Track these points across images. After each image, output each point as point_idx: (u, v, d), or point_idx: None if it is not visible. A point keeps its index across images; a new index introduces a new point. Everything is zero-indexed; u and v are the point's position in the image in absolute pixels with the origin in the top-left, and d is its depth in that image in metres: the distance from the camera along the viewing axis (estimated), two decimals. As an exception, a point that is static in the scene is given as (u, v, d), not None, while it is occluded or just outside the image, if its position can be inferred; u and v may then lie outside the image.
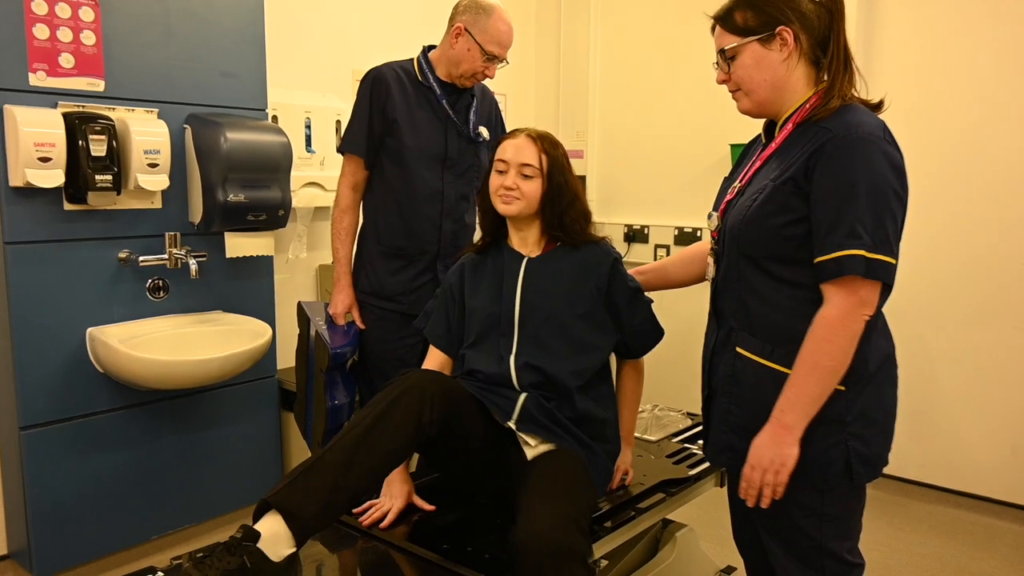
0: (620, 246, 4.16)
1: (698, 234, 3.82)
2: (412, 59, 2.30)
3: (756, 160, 1.53)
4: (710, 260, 1.60)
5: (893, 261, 1.34)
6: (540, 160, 1.71)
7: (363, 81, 2.25)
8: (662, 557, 2.01)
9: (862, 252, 1.29)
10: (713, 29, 1.55)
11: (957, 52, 3.09)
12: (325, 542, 1.65)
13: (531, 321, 1.72)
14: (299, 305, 2.35)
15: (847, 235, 1.30)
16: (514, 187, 1.70)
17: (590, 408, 1.73)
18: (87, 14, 2.26)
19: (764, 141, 1.54)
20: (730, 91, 1.55)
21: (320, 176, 2.95)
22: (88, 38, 2.27)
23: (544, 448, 1.66)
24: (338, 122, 2.99)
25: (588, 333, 1.73)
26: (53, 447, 2.29)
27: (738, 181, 1.55)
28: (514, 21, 2.26)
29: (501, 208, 1.73)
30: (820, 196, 1.34)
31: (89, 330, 2.32)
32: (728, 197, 1.56)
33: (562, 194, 1.73)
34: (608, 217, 4.23)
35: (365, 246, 2.32)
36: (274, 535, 1.40)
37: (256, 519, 1.42)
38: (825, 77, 1.43)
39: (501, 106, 4.26)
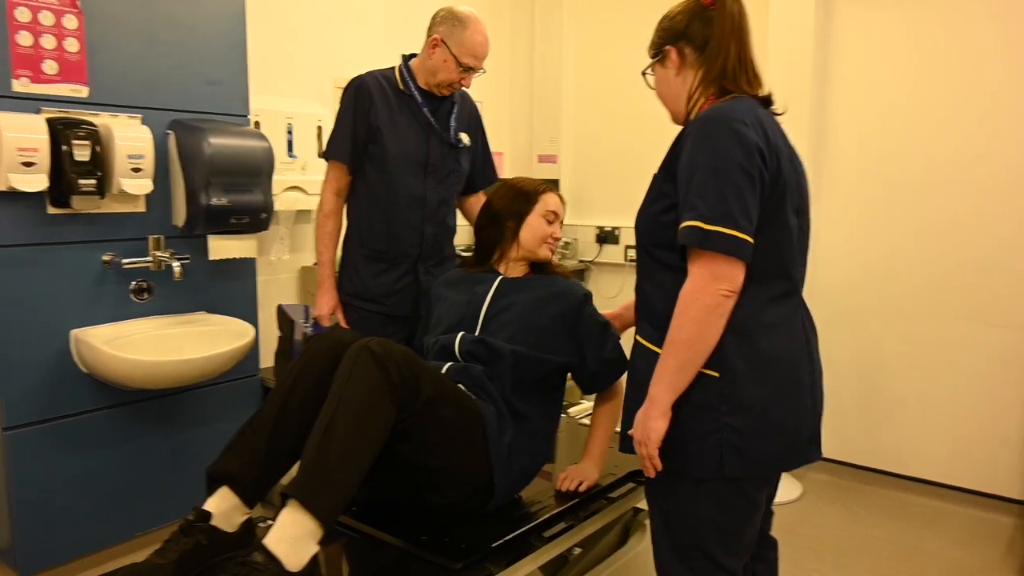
0: (592, 248, 4.27)
1: (666, 235, 3.93)
2: (394, 68, 2.37)
3: None
4: None
5: (737, 234, 1.32)
6: None
7: (346, 89, 2.32)
8: (632, 544, 2.09)
9: (698, 223, 1.32)
10: None
11: (910, 62, 3.24)
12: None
13: (493, 322, 1.84)
14: (279, 309, 2.40)
15: (687, 208, 1.35)
16: (560, 238, 1.99)
17: (520, 400, 1.79)
18: (70, 21, 2.29)
19: None
20: None
21: (301, 180, 3.00)
22: (72, 45, 2.30)
23: None
24: (319, 128, 3.05)
25: (542, 340, 1.83)
26: (37, 446, 2.31)
27: None
28: (490, 31, 2.33)
29: (545, 254, 1.96)
30: (679, 177, 1.40)
31: (73, 331, 2.35)
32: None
33: None
34: (580, 219, 4.34)
35: (349, 250, 2.39)
36: (224, 508, 1.46)
37: (207, 493, 1.48)
38: (711, 84, 1.50)
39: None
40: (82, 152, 2.26)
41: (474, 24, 2.26)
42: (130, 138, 2.35)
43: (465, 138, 2.40)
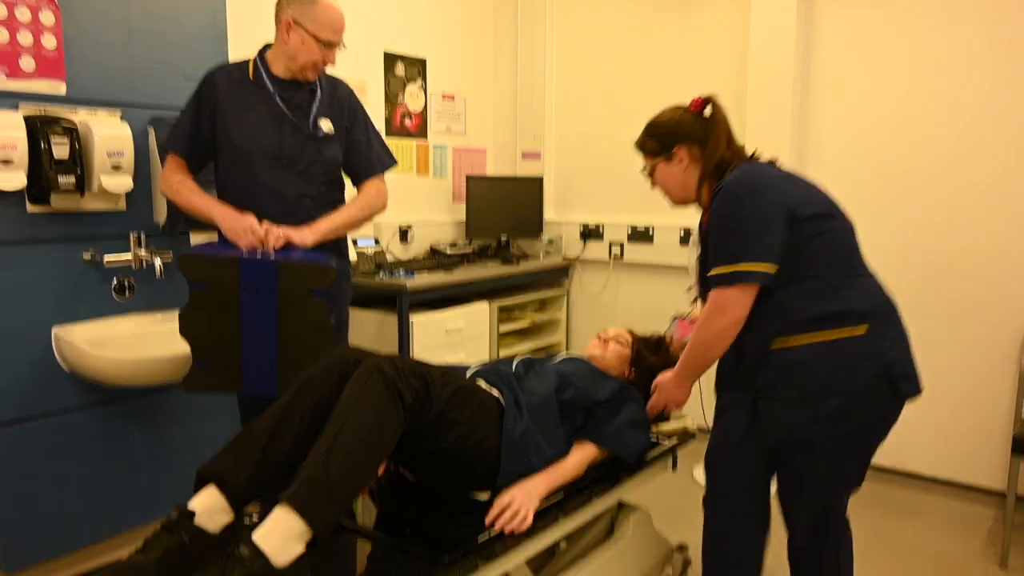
0: (576, 244, 4.28)
1: (650, 232, 3.96)
2: (249, 59, 2.24)
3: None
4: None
5: (743, 268, 1.66)
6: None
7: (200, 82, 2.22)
8: (618, 537, 2.11)
9: (724, 270, 1.69)
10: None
11: (892, 61, 3.27)
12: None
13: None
14: (195, 255, 1.99)
15: (715, 257, 1.73)
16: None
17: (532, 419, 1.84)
18: (47, 17, 2.26)
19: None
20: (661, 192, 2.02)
21: (283, 177, 2.99)
22: (49, 41, 2.28)
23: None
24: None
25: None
26: (20, 445, 2.29)
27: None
28: (472, 28, 2.32)
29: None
30: None
31: (54, 330, 2.33)
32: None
33: None
34: (564, 216, 4.35)
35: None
36: (209, 508, 1.46)
37: (195, 492, 1.47)
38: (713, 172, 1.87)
39: (462, 111, 4.31)
40: (61, 149, 2.24)
41: None
42: (109, 135, 2.33)
43: (325, 126, 2.23)
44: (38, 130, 2.20)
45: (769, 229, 1.66)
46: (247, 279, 1.89)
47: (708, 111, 1.90)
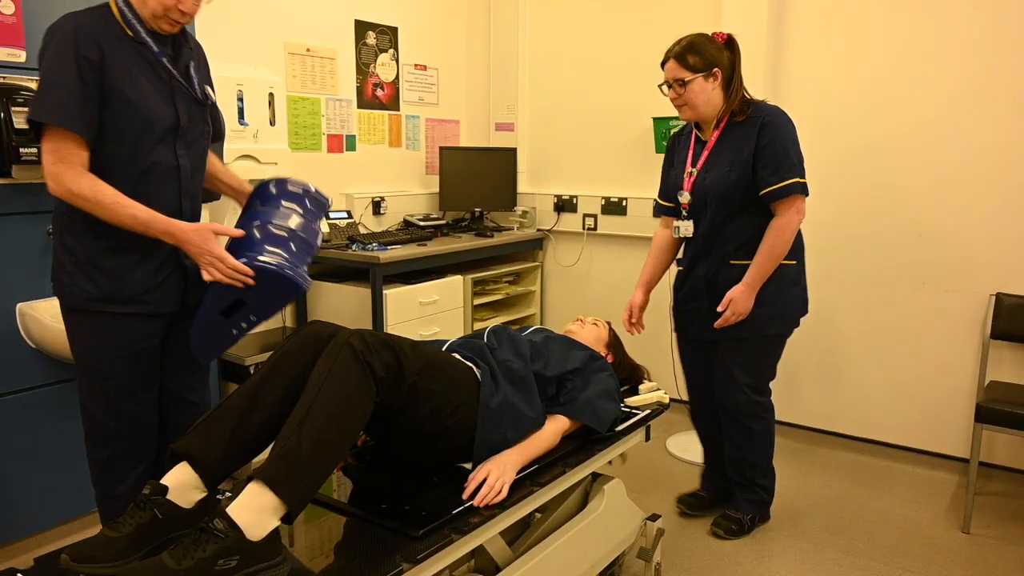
0: (550, 216, 4.27)
1: (623, 203, 3.96)
2: (105, 4, 1.77)
3: (704, 150, 2.45)
4: (682, 224, 2.54)
5: (805, 180, 2.36)
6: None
7: (55, 34, 1.68)
8: (592, 508, 2.12)
9: (793, 180, 2.33)
10: (665, 63, 2.39)
11: (866, 31, 3.28)
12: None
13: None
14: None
15: (785, 173, 2.32)
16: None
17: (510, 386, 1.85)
18: (4, -18, 2.20)
19: (702, 139, 2.48)
20: (676, 105, 2.42)
21: (254, 148, 2.93)
22: (7, 7, 2.21)
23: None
24: (271, 95, 2.97)
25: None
26: (-16, 424, 2.27)
27: (691, 166, 2.49)
28: None
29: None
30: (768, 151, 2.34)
31: (19, 305, 2.29)
32: (692, 178, 2.47)
33: None
34: (538, 188, 4.33)
35: (78, 245, 1.76)
36: (182, 484, 1.45)
37: (168, 470, 1.47)
38: (731, 95, 2.40)
39: (434, 82, 4.27)
40: (22, 119, 2.18)
41: None
42: (72, 104, 2.26)
43: (212, 93, 1.96)
44: (-3, 99, 2.13)
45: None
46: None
47: (731, 47, 2.40)
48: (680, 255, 2.67)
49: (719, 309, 2.39)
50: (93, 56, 1.66)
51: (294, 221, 1.85)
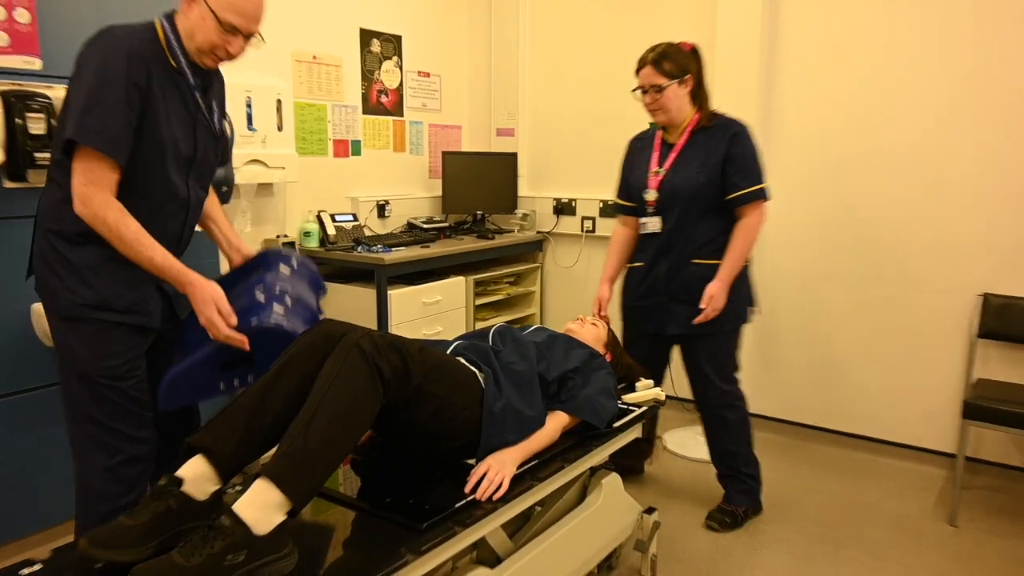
0: (549, 219, 4.34)
1: (622, 207, 4.01)
2: (154, 28, 1.78)
3: (670, 152, 2.59)
4: (649, 220, 2.64)
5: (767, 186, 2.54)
6: None
7: (105, 53, 1.67)
8: (590, 502, 2.17)
9: (761, 186, 2.51)
10: (640, 69, 2.51)
11: (847, 57, 3.35)
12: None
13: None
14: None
15: (755, 179, 2.51)
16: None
17: (512, 391, 1.90)
18: (21, -8, 2.25)
19: (669, 141, 2.63)
20: (651, 110, 2.55)
21: (262, 154, 3.00)
22: (22, 16, 2.27)
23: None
24: (279, 101, 3.04)
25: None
26: (3, 420, 2.32)
27: (657, 166, 2.61)
28: (447, 6, 2.33)
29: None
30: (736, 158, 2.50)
31: (33, 306, 2.34)
32: (659, 178, 2.59)
33: None
34: (538, 191, 4.40)
35: (87, 250, 1.75)
36: (197, 476, 1.48)
37: (183, 463, 1.51)
38: (697, 102, 2.58)
39: (437, 88, 4.34)
40: (37, 125, 2.24)
41: None
42: (87, 111, 2.32)
43: (228, 128, 2.02)
44: (13, 106, 2.19)
45: None
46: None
47: (696, 56, 2.55)
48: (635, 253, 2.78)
49: (702, 305, 2.51)
50: (141, 83, 1.68)
51: (299, 289, 1.95)
